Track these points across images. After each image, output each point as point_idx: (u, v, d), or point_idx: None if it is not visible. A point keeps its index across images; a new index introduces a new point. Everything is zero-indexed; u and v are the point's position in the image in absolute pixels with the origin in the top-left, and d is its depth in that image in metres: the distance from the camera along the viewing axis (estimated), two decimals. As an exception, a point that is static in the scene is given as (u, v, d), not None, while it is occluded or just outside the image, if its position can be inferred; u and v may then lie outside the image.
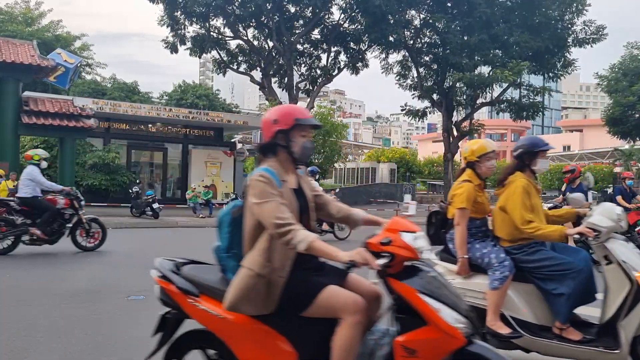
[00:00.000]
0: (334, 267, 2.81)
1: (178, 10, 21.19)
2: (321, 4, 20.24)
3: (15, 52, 17.14)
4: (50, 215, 9.51)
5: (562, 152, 66.62)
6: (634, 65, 32.78)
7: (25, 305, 5.69)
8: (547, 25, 23.82)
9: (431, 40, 25.46)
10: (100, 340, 4.46)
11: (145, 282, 7.11)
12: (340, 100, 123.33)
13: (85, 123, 17.96)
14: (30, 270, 8.06)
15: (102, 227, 10.26)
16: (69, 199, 9.90)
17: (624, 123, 33.09)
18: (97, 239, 10.15)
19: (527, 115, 26.69)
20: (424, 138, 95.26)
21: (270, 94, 21.98)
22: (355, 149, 70.72)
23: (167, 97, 33.72)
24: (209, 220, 18.70)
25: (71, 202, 9.89)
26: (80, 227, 9.98)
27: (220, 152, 27.33)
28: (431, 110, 28.30)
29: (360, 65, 23.85)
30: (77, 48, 33.17)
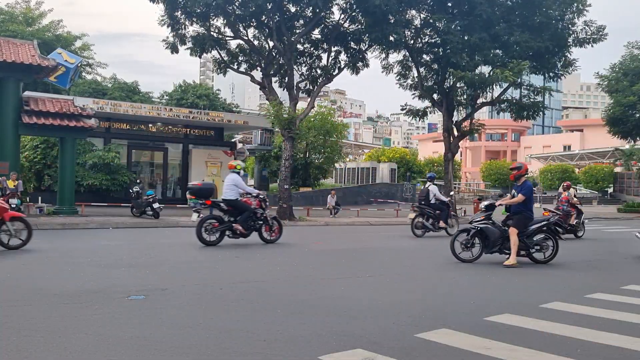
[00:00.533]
0: None
1: (178, 10, 21.14)
2: (322, 3, 20.19)
3: (16, 52, 17.14)
4: (248, 214, 11.70)
5: (562, 152, 66.59)
6: (635, 65, 32.76)
7: (25, 305, 5.69)
8: (547, 25, 23.78)
9: (431, 40, 25.41)
10: (100, 340, 4.46)
11: (145, 282, 7.13)
12: (341, 100, 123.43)
13: (86, 123, 17.96)
14: (30, 270, 8.06)
15: (279, 224, 12.60)
16: (259, 201, 12.09)
17: (625, 123, 33.08)
18: (277, 234, 12.38)
19: (528, 115, 26.65)
20: (425, 138, 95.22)
21: (270, 93, 21.96)
22: (356, 148, 70.75)
23: (167, 97, 33.72)
24: (210, 220, 18.71)
25: (261, 204, 12.07)
26: (265, 224, 12.13)
27: (220, 152, 27.34)
28: (431, 110, 28.25)
29: (361, 65, 23.80)
30: (77, 48, 33.16)
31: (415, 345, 4.57)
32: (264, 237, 12.07)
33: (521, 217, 9.60)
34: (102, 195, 22.48)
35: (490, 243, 9.62)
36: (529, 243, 9.68)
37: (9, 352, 4.10)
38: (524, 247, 9.65)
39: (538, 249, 9.79)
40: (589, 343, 4.75)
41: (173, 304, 5.89)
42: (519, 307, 6.07)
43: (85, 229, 15.39)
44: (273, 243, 12.06)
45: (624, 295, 7.05)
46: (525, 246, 9.65)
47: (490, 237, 9.60)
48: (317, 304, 6.03)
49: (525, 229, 9.60)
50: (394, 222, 21.37)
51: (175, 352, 4.21)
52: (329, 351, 4.30)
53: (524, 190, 9.68)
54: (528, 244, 9.68)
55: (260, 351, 4.29)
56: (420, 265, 9.72)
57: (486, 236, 9.65)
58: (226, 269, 8.51)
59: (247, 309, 5.71)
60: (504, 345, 4.61)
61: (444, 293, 6.91)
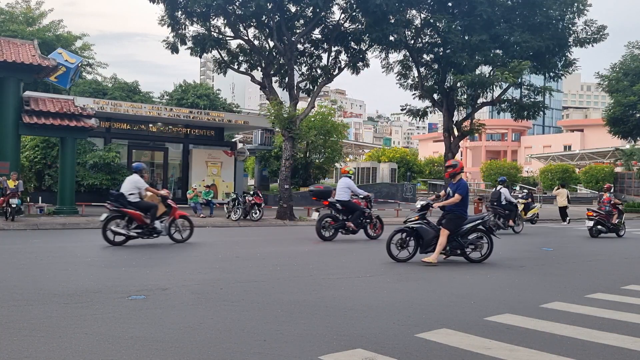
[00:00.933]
0: None
1: (178, 10, 21.13)
2: (322, 3, 20.17)
3: (16, 51, 17.15)
4: (359, 213, 13.23)
5: (563, 151, 66.58)
6: (635, 64, 32.76)
7: (25, 305, 5.69)
8: (547, 25, 23.78)
9: (432, 39, 25.41)
10: (100, 340, 4.46)
11: (145, 282, 7.13)
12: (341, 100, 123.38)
13: (86, 123, 17.96)
14: (30, 270, 8.06)
15: (381, 222, 14.11)
16: (366, 202, 13.64)
17: (625, 123, 33.08)
18: (379, 231, 13.86)
19: (528, 115, 26.64)
20: (425, 138, 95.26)
21: (271, 93, 21.94)
22: (356, 148, 70.73)
23: (167, 96, 33.73)
24: (210, 220, 18.72)
25: (368, 204, 13.63)
26: (369, 222, 13.62)
27: (221, 152, 27.35)
28: (432, 110, 28.26)
29: (361, 65, 23.79)
30: (78, 48, 33.16)
31: (416, 345, 4.57)
32: (368, 233, 13.65)
33: (453, 217, 9.41)
34: (102, 195, 22.39)
35: (425, 243, 9.45)
36: (463, 242, 9.51)
37: (10, 352, 4.10)
38: (458, 246, 9.51)
39: (473, 248, 9.63)
40: (589, 343, 4.75)
41: (173, 304, 5.89)
42: (519, 307, 6.07)
43: (85, 229, 15.39)
44: (376, 239, 13.46)
45: (624, 295, 7.05)
46: (459, 245, 9.50)
47: (425, 237, 9.43)
48: (317, 304, 6.03)
49: (458, 229, 9.43)
50: (395, 222, 21.33)
51: (176, 352, 4.21)
52: (329, 351, 4.31)
53: (460, 190, 9.45)
54: (462, 244, 9.51)
55: (260, 351, 4.29)
56: (421, 265, 9.71)
57: (420, 236, 9.48)
58: (226, 268, 8.52)
59: (248, 309, 5.72)
60: (504, 345, 4.61)
61: (444, 293, 6.91)
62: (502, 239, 15.33)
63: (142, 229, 11.15)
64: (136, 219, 11.06)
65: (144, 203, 11.33)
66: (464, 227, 9.51)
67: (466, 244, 9.57)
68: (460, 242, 9.50)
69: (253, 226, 17.82)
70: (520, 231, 17.13)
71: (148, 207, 11.27)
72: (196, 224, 17.50)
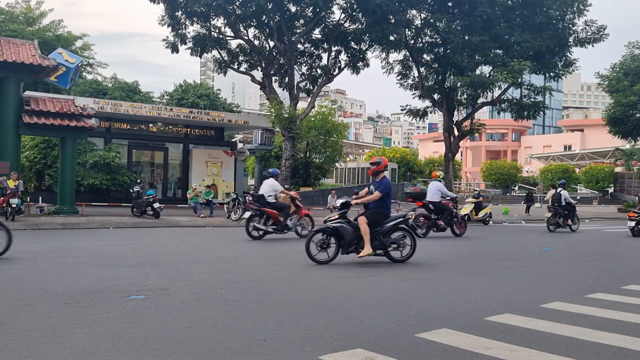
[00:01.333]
0: None
1: (179, 10, 21.17)
2: (322, 3, 20.20)
3: (17, 51, 17.15)
4: (448, 213, 14.70)
5: (563, 151, 66.57)
6: (635, 64, 32.75)
7: (25, 305, 5.69)
8: (548, 25, 23.79)
9: (432, 39, 25.44)
10: (100, 340, 4.46)
11: (145, 282, 7.13)
12: (341, 99, 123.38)
13: (86, 123, 17.96)
14: (30, 270, 8.06)
15: (465, 222, 15.72)
16: (453, 203, 15.35)
17: (625, 123, 33.07)
18: (464, 229, 15.33)
19: (528, 114, 26.67)
20: (425, 138, 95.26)
21: (271, 93, 21.97)
22: (356, 148, 70.73)
23: (168, 96, 33.73)
24: (210, 220, 18.72)
25: (455, 205, 15.29)
26: (456, 221, 15.15)
27: (221, 152, 27.35)
28: (432, 110, 28.30)
29: (361, 65, 23.82)
30: (78, 48, 33.16)
31: (416, 345, 4.57)
32: (454, 231, 14.99)
33: (374, 212, 9.20)
34: (102, 195, 22.48)
35: (346, 243, 9.08)
36: (385, 241, 9.23)
37: (10, 352, 4.10)
38: (380, 245, 9.21)
39: (395, 247, 9.34)
40: (589, 343, 4.75)
41: (173, 304, 5.89)
42: (519, 307, 6.07)
43: (85, 228, 15.39)
44: (461, 237, 14.87)
45: (624, 295, 7.05)
46: (382, 244, 9.22)
47: (346, 237, 9.06)
48: (317, 304, 6.03)
49: (379, 226, 9.19)
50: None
51: (176, 352, 4.21)
52: (329, 351, 4.31)
53: (381, 187, 9.28)
54: (385, 242, 9.23)
55: (260, 351, 4.29)
56: (421, 265, 9.72)
57: (342, 236, 9.09)
58: (227, 268, 8.52)
59: (248, 309, 5.72)
60: (505, 345, 4.61)
61: (444, 293, 6.90)
62: (503, 239, 15.35)
63: (277, 225, 13.00)
64: (272, 217, 12.93)
65: (279, 203, 13.17)
66: (385, 226, 9.24)
67: (388, 242, 9.25)
68: (382, 241, 9.19)
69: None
70: (577, 229, 18.53)
71: (282, 207, 13.13)
72: (197, 223, 17.56)
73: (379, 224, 9.22)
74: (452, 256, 10.94)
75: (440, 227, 14.62)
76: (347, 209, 9.39)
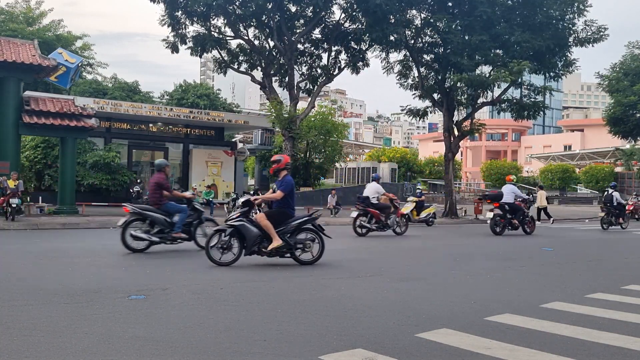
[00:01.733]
0: None
1: (179, 10, 21.17)
2: (322, 3, 20.22)
3: (17, 51, 17.15)
4: (522, 213, 16.26)
5: (563, 151, 66.57)
6: (635, 64, 32.78)
7: (25, 305, 5.69)
8: (548, 24, 23.77)
9: (432, 39, 25.43)
10: (100, 340, 4.46)
11: (145, 281, 7.13)
12: (341, 99, 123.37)
13: (86, 123, 17.96)
14: (30, 269, 8.07)
15: (534, 222, 16.96)
16: (525, 203, 16.71)
17: (625, 123, 33.10)
18: (532, 228, 16.58)
19: (528, 114, 26.64)
20: (425, 138, 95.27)
21: (271, 93, 21.97)
22: (356, 148, 70.79)
23: (168, 96, 33.75)
24: (210, 220, 18.70)
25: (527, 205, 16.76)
26: (528, 221, 16.48)
27: (221, 152, 27.36)
28: (432, 110, 28.26)
29: (361, 65, 23.83)
30: (78, 48, 33.18)
31: (416, 345, 4.57)
32: (525, 230, 16.30)
33: (275, 212, 8.92)
34: (102, 195, 22.49)
35: (249, 243, 8.66)
36: (291, 242, 8.83)
37: (10, 352, 4.10)
38: (286, 246, 8.79)
39: (301, 247, 8.89)
40: (589, 343, 4.75)
41: (173, 304, 5.89)
42: (519, 307, 6.07)
43: (85, 228, 15.39)
44: (530, 235, 16.15)
45: (624, 295, 7.05)
46: (287, 245, 8.80)
47: (247, 236, 8.65)
48: (317, 304, 6.03)
49: (282, 226, 8.83)
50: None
51: (176, 352, 4.21)
52: (329, 351, 4.31)
53: (283, 186, 8.93)
54: (290, 243, 8.82)
55: (260, 351, 4.29)
56: (421, 265, 9.72)
57: (243, 236, 8.68)
58: (226, 268, 8.52)
59: (248, 309, 5.72)
60: (505, 345, 4.61)
61: (444, 293, 6.91)
62: (503, 239, 15.34)
63: (379, 223, 14.49)
64: (375, 216, 14.45)
65: (381, 204, 14.67)
66: (289, 225, 8.89)
67: (294, 243, 8.86)
68: (287, 242, 8.79)
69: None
70: (627, 227, 19.99)
71: (384, 207, 14.67)
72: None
73: (282, 224, 8.86)
74: (452, 256, 10.95)
75: (514, 226, 16.14)
76: (250, 207, 8.98)
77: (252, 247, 8.70)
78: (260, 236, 8.70)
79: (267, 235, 8.69)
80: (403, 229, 15.41)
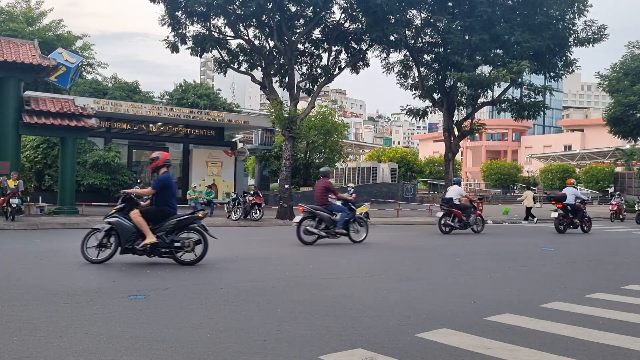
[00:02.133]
0: None
1: (179, 10, 21.12)
2: (322, 3, 20.18)
3: (17, 51, 17.15)
4: (582, 214, 17.53)
5: (563, 151, 66.55)
6: (635, 64, 32.76)
7: (25, 305, 5.69)
8: (548, 24, 23.77)
9: (432, 39, 25.43)
10: (101, 340, 4.46)
11: (145, 281, 7.13)
12: (341, 99, 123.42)
13: (87, 123, 17.96)
14: (30, 270, 8.07)
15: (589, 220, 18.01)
16: (584, 204, 17.98)
17: (625, 123, 33.08)
18: (589, 227, 17.75)
19: (529, 114, 26.64)
20: (425, 138, 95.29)
21: (271, 93, 21.94)
22: (356, 148, 70.71)
23: (168, 96, 33.74)
24: (210, 220, 18.69)
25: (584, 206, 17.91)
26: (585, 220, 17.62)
27: (221, 152, 27.35)
28: (432, 110, 28.27)
29: (361, 65, 23.80)
30: (78, 48, 33.18)
31: (416, 345, 4.57)
32: (583, 228, 17.52)
33: (151, 209, 8.74)
34: (102, 194, 22.48)
35: (123, 239, 8.46)
36: (169, 241, 8.56)
37: (10, 352, 4.10)
38: (162, 244, 8.54)
39: (180, 246, 8.61)
40: (589, 343, 4.75)
41: (173, 303, 5.90)
42: (519, 307, 6.07)
43: (85, 228, 15.31)
44: (588, 233, 17.38)
45: (624, 295, 7.05)
46: (166, 245, 8.56)
47: (121, 233, 8.47)
48: (317, 304, 6.03)
49: (158, 224, 8.62)
50: (395, 222, 21.37)
51: (176, 352, 4.21)
52: (330, 351, 4.31)
53: (154, 183, 8.81)
54: (166, 241, 8.56)
55: (260, 351, 4.29)
56: (421, 265, 9.72)
57: (118, 233, 8.51)
58: (227, 268, 8.52)
59: (247, 309, 5.72)
60: (505, 345, 4.61)
61: (444, 293, 6.91)
62: (503, 239, 15.34)
63: (461, 222, 15.94)
64: (457, 216, 15.95)
65: (463, 205, 16.21)
66: (166, 224, 8.65)
67: (171, 242, 8.58)
68: (165, 240, 8.53)
69: (253, 226, 17.82)
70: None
71: (465, 208, 16.21)
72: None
73: (158, 221, 8.65)
74: (451, 256, 10.95)
75: (575, 225, 17.52)
76: (127, 204, 8.80)
77: (126, 243, 8.50)
78: (135, 233, 8.49)
79: (142, 233, 8.47)
80: (479, 228, 16.62)
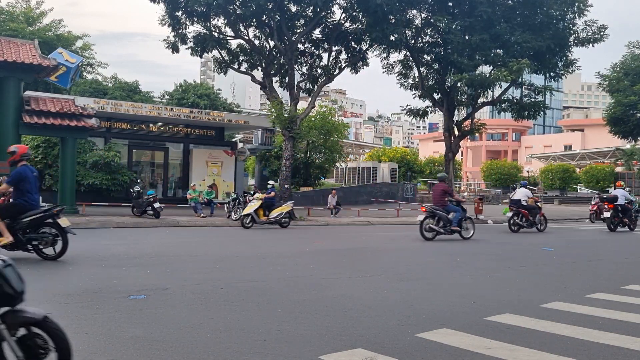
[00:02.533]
0: None
1: (179, 10, 21.17)
2: (322, 3, 20.21)
3: (17, 51, 17.14)
4: (630, 213, 18.62)
5: (563, 151, 66.51)
6: (636, 64, 32.79)
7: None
8: (548, 24, 23.79)
9: (432, 39, 25.46)
10: (101, 340, 4.46)
11: (146, 281, 7.13)
12: (342, 99, 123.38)
13: (87, 122, 17.96)
14: (30, 269, 8.06)
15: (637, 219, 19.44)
16: (631, 205, 18.85)
17: (626, 122, 33.11)
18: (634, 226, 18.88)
19: (529, 114, 26.67)
20: (425, 137, 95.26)
21: (271, 93, 21.97)
22: (356, 148, 70.73)
23: (168, 96, 33.75)
24: (210, 220, 18.72)
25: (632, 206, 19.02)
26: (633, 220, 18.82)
27: (221, 152, 27.35)
28: (432, 110, 28.31)
29: (361, 65, 23.84)
30: (78, 48, 33.19)
31: (416, 345, 4.57)
32: (630, 226, 18.70)
33: (8, 205, 8.58)
34: (102, 194, 22.48)
35: None
36: (23, 239, 8.45)
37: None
38: (23, 244, 8.49)
39: (36, 243, 8.53)
40: (589, 343, 4.75)
41: (173, 303, 5.90)
42: (519, 307, 6.07)
43: (86, 228, 15.38)
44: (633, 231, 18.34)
45: (624, 295, 7.05)
46: (23, 243, 8.48)
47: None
48: (317, 304, 6.03)
49: (15, 221, 8.44)
50: (395, 222, 21.37)
51: (176, 352, 4.21)
52: (330, 351, 4.31)
53: (10, 178, 8.63)
54: (22, 240, 8.45)
55: (260, 351, 4.29)
56: (421, 265, 9.72)
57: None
58: (227, 268, 8.52)
59: (248, 309, 5.72)
60: (505, 345, 4.61)
61: (444, 293, 6.91)
62: (503, 239, 15.33)
63: (528, 221, 17.06)
64: (525, 216, 17.07)
65: (529, 205, 17.23)
66: (22, 220, 8.48)
67: (28, 240, 8.50)
68: (20, 238, 8.42)
69: (253, 226, 17.82)
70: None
71: (531, 208, 17.23)
72: (197, 223, 17.56)
73: (16, 216, 8.48)
74: (451, 256, 10.95)
75: (624, 223, 18.62)
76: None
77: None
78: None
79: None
80: (543, 227, 17.57)
